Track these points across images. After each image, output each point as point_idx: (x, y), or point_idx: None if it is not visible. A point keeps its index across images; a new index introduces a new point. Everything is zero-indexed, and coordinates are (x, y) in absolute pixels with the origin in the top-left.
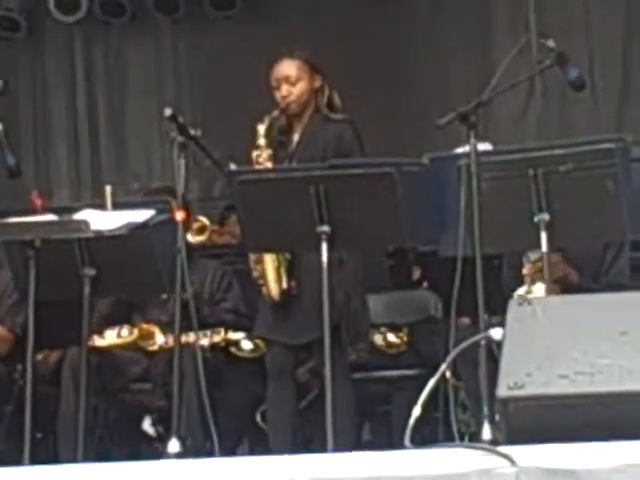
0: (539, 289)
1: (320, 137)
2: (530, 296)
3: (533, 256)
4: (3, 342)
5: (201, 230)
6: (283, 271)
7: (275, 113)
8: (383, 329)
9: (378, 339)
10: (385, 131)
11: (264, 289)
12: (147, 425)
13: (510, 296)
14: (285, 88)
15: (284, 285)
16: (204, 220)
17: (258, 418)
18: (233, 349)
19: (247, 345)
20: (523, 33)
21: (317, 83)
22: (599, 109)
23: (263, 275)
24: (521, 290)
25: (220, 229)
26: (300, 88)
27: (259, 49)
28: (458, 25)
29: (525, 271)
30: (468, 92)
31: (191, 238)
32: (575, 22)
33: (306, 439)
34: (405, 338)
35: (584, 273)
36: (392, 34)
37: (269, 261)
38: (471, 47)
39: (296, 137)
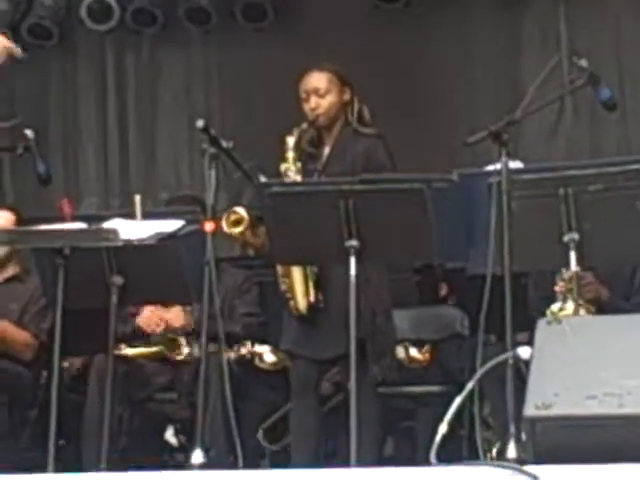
0: (572, 307)
1: (350, 151)
2: (563, 314)
3: (566, 274)
4: (27, 348)
5: (237, 222)
6: (311, 284)
7: (304, 125)
8: (406, 343)
9: (400, 353)
10: (414, 148)
11: (291, 302)
12: (170, 435)
13: (536, 315)
14: (314, 100)
15: (312, 298)
16: (242, 212)
17: (260, 435)
18: (257, 361)
19: (270, 358)
20: (553, 52)
21: (346, 96)
22: (629, 129)
23: (291, 288)
24: (554, 307)
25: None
26: (329, 100)
27: (290, 61)
28: (488, 43)
29: (557, 288)
30: (497, 109)
31: (227, 229)
32: (606, 42)
33: (329, 453)
34: (427, 354)
35: (614, 292)
36: (421, 50)
37: (297, 274)
38: (500, 65)
39: (326, 150)
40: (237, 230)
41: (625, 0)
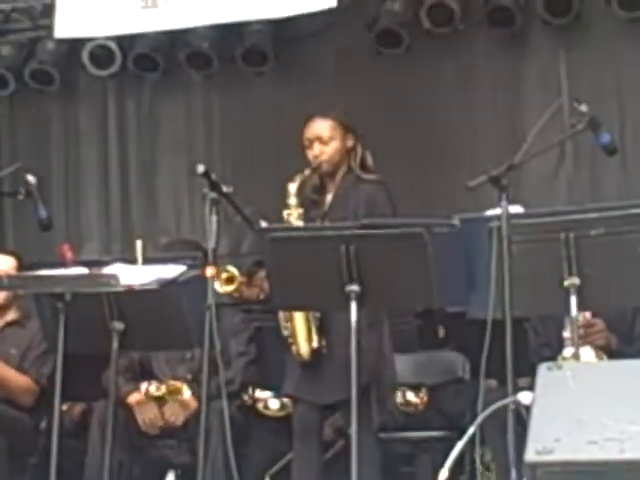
0: (587, 353)
1: (352, 197)
2: (576, 360)
3: (578, 320)
4: (28, 393)
5: (230, 280)
6: (314, 329)
7: (307, 172)
8: (403, 388)
9: (397, 397)
10: (415, 191)
11: (294, 348)
12: None
13: (536, 360)
14: (317, 147)
15: (314, 344)
16: (233, 270)
17: None
18: (260, 407)
19: (274, 404)
20: (554, 97)
21: (350, 143)
22: (630, 174)
23: (293, 333)
24: (567, 353)
25: (249, 282)
26: (333, 148)
27: (291, 106)
28: (489, 87)
29: (566, 334)
30: (498, 153)
31: (219, 288)
32: (607, 87)
33: None
34: (425, 398)
35: (616, 336)
36: (422, 95)
37: (300, 319)
38: (501, 109)
39: (329, 197)
40: (230, 288)
41: (626, 45)
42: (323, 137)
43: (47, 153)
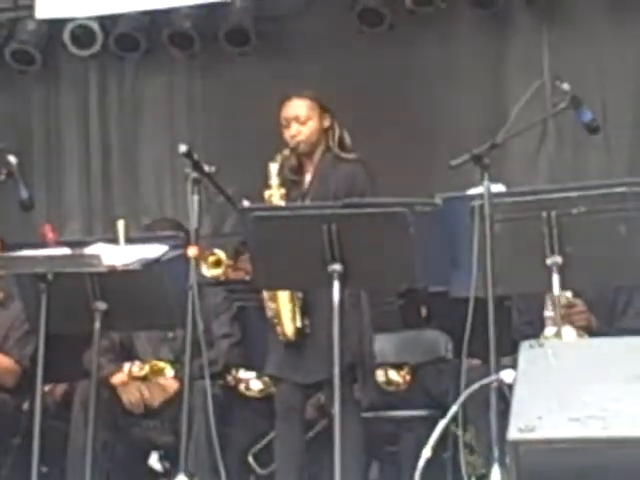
0: (568, 333)
1: (331, 177)
2: (557, 339)
3: (560, 300)
4: (10, 374)
5: (217, 264)
6: (297, 309)
7: (285, 152)
8: (386, 367)
9: (380, 376)
10: (396, 171)
11: (278, 328)
12: (154, 461)
13: (519, 339)
14: (295, 127)
15: (298, 323)
16: (220, 254)
17: (250, 459)
18: (242, 388)
19: (256, 385)
20: (536, 76)
21: (327, 122)
22: (611, 152)
23: (277, 313)
24: (548, 332)
25: (235, 264)
26: (310, 127)
27: (274, 85)
28: (471, 66)
29: (548, 313)
30: (480, 132)
31: (206, 272)
32: (588, 66)
33: (313, 478)
34: (407, 377)
35: (597, 317)
36: (404, 73)
37: (284, 299)
38: (483, 88)
39: (308, 177)
40: (217, 271)
41: (607, 24)
42: (300, 117)
43: (28, 133)
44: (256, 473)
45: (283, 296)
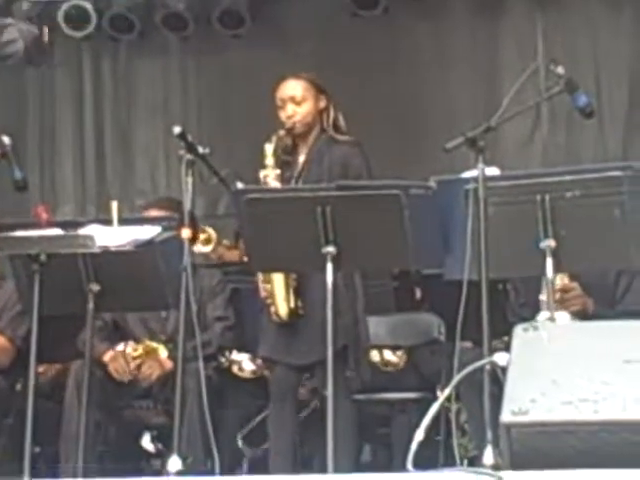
0: (562, 318)
1: (326, 158)
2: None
3: (556, 284)
4: (3, 354)
5: (207, 241)
6: (291, 291)
7: (281, 132)
8: (379, 348)
9: (375, 356)
10: (391, 154)
11: (272, 308)
12: (146, 442)
13: (516, 321)
14: (291, 108)
15: (292, 304)
16: (210, 231)
17: (239, 442)
18: (235, 369)
19: (249, 366)
20: (530, 59)
21: (322, 104)
22: (606, 136)
23: (271, 294)
24: (542, 316)
25: (233, 245)
26: (305, 108)
27: (267, 68)
28: (465, 50)
29: (543, 297)
30: (475, 116)
31: (196, 249)
32: (582, 49)
33: (306, 459)
34: (404, 357)
35: (598, 300)
36: (398, 56)
37: (278, 280)
38: (478, 71)
39: (302, 158)
40: (207, 249)
41: (602, 8)
42: (296, 97)
43: (22, 114)
44: (249, 452)
45: (278, 277)
